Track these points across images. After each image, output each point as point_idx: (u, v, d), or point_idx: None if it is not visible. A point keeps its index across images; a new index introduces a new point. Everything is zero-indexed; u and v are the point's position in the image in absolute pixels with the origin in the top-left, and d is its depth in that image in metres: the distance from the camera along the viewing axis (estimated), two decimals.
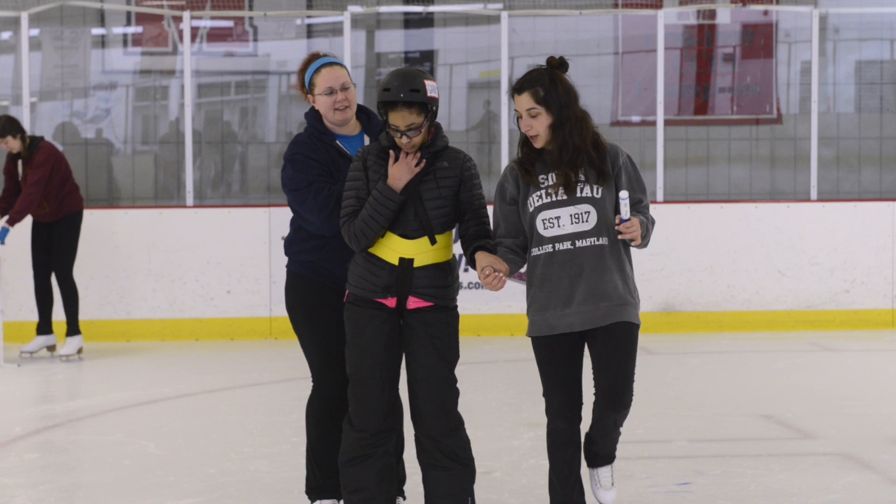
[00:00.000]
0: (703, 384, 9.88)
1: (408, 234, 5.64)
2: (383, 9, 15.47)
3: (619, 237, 5.52)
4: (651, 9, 14.57)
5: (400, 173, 5.56)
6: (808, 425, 8.55)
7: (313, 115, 6.08)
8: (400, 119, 5.55)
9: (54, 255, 11.33)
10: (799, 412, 8.94)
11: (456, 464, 5.71)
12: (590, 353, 5.73)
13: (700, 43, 15.92)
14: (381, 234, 5.64)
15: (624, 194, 5.41)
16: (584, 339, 5.72)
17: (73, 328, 11.38)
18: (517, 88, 5.66)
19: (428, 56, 15.81)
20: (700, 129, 15.63)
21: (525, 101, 5.62)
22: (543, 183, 5.63)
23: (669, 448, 7.68)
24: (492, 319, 12.23)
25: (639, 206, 5.64)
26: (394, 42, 15.69)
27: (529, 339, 5.77)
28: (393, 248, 5.64)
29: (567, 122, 5.61)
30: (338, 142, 5.99)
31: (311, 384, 6.12)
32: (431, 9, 15.48)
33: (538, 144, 5.64)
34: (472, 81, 15.57)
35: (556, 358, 5.67)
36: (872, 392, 9.39)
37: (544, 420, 5.74)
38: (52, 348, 11.60)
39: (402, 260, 5.64)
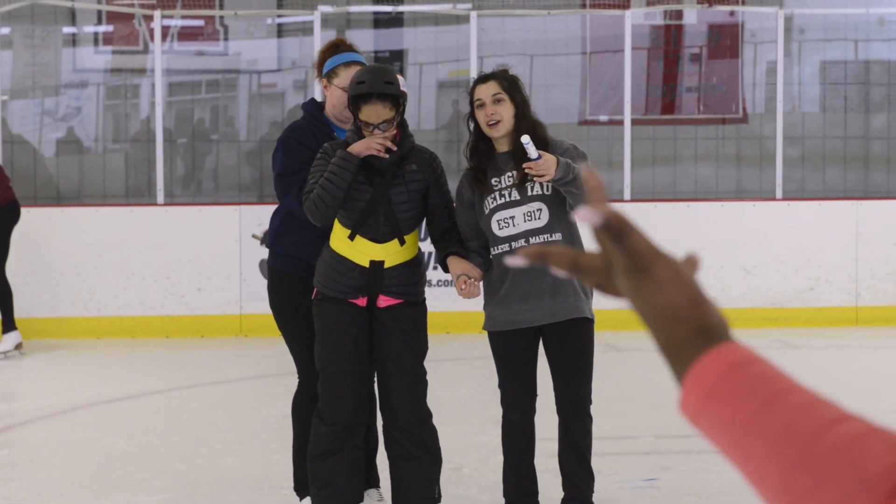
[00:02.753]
0: (670, 381, 9.88)
1: (378, 239, 5.66)
2: (353, 8, 15.45)
3: (530, 173, 5.49)
4: (618, 9, 14.60)
5: (363, 146, 5.52)
6: None
7: (314, 105, 6.13)
8: (373, 113, 5.56)
9: None
10: None
11: (425, 454, 5.77)
12: (545, 349, 5.78)
13: (667, 43, 15.96)
14: (350, 238, 5.64)
15: (526, 138, 5.40)
16: (541, 334, 5.77)
17: (10, 324, 11.22)
18: (482, 79, 5.80)
19: (397, 55, 15.80)
20: (667, 129, 15.68)
21: (491, 87, 5.76)
22: (496, 186, 5.69)
23: (636, 444, 7.70)
24: (461, 316, 12.24)
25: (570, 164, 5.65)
26: (364, 41, 15.66)
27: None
28: (364, 252, 5.66)
29: (526, 119, 5.70)
30: (336, 134, 6.02)
31: (297, 380, 6.15)
32: (401, 9, 15.48)
33: (498, 132, 5.69)
34: (441, 81, 15.58)
35: (512, 352, 5.74)
36: (835, 388, 9.37)
37: None
38: None
39: (372, 262, 5.66)
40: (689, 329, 1.30)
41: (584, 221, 1.34)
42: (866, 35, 16.08)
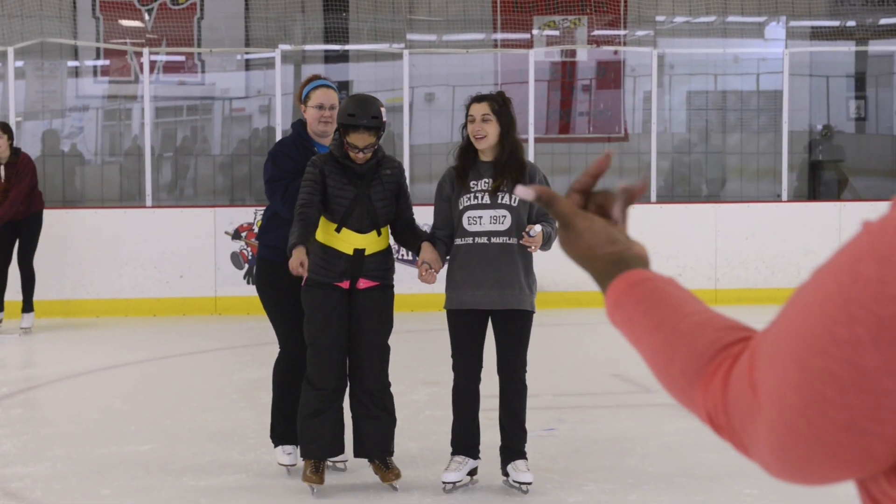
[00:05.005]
0: (566, 349, 9.95)
1: (361, 230, 5.68)
2: (308, 47, 15.40)
3: (521, 242, 5.61)
4: (524, 48, 14.63)
5: (293, 264, 5.37)
6: (648, 382, 8.62)
7: (299, 125, 6.12)
8: (360, 140, 5.56)
9: (23, 247, 11.07)
10: (641, 371, 8.99)
11: (385, 414, 5.77)
12: (493, 330, 5.78)
13: (563, 76, 16.01)
14: (337, 231, 5.65)
15: (537, 228, 5.55)
16: (489, 317, 5.77)
17: (30, 306, 11.14)
18: (478, 98, 5.79)
19: (344, 85, 15.75)
20: (563, 146, 15.74)
21: (483, 107, 5.74)
22: (474, 187, 5.70)
23: (537, 401, 7.72)
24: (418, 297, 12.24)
25: (546, 217, 5.74)
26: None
27: (441, 314, 5.84)
28: (349, 242, 5.66)
29: (510, 138, 5.71)
30: (316, 148, 6.01)
31: (263, 351, 6.11)
32: (347, 47, 15.45)
33: (483, 145, 5.71)
34: None
35: (463, 327, 5.73)
36: None
37: (439, 378, 5.77)
38: None
39: (356, 250, 5.66)
40: (605, 262, 1.44)
41: (522, 197, 1.51)
42: (724, 70, 16.23)
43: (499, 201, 5.70)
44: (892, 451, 1.07)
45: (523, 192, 1.51)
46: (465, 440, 5.79)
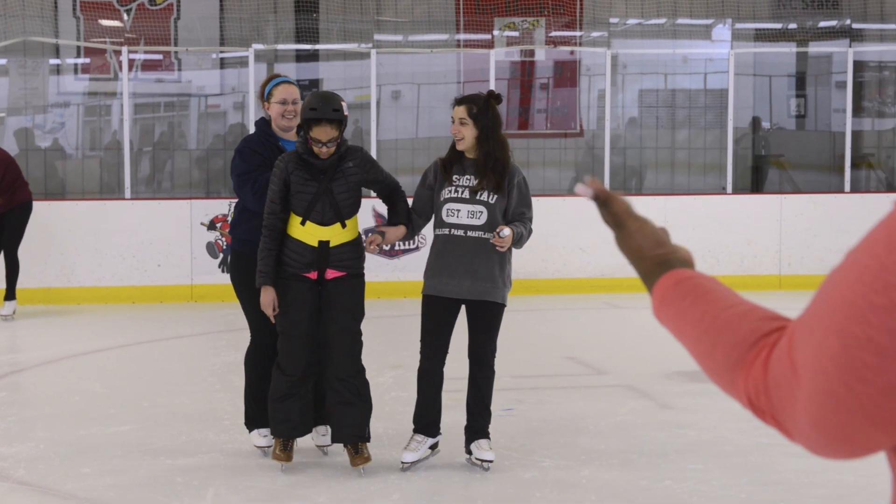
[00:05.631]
0: (524, 334, 9.97)
1: (324, 222, 5.64)
2: (280, 46, 15.34)
3: (491, 241, 5.60)
4: (485, 48, 14.63)
5: (264, 302, 5.61)
6: (602, 364, 8.67)
7: (263, 122, 6.07)
8: (323, 133, 5.51)
9: (7, 237, 10.96)
10: (595, 355, 9.07)
11: (359, 400, 5.72)
12: (466, 318, 5.78)
13: (522, 75, 16.03)
14: (302, 224, 5.63)
15: (506, 231, 5.56)
16: (463, 306, 5.76)
17: (13, 294, 11.04)
18: (458, 101, 5.76)
19: (315, 83, 15.70)
20: (522, 141, 15.75)
21: (460, 111, 5.74)
22: (456, 181, 5.69)
23: (497, 383, 7.72)
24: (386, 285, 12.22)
25: (522, 217, 5.72)
26: (288, 72, 15.52)
27: (407, 300, 5.84)
28: (313, 234, 5.64)
29: (492, 139, 5.68)
30: (281, 143, 5.97)
31: (237, 336, 6.09)
32: (317, 47, 15.40)
33: (461, 147, 5.70)
34: (348, 103, 15.48)
35: (434, 313, 5.73)
36: (650, 339, 9.52)
37: (405, 362, 5.76)
38: None
39: (320, 242, 5.63)
40: (652, 262, 1.50)
41: (581, 195, 1.59)
42: (673, 70, 16.28)
43: (477, 197, 5.70)
44: None
45: (582, 189, 1.58)
46: (426, 418, 5.80)
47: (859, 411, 1.10)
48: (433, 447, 5.85)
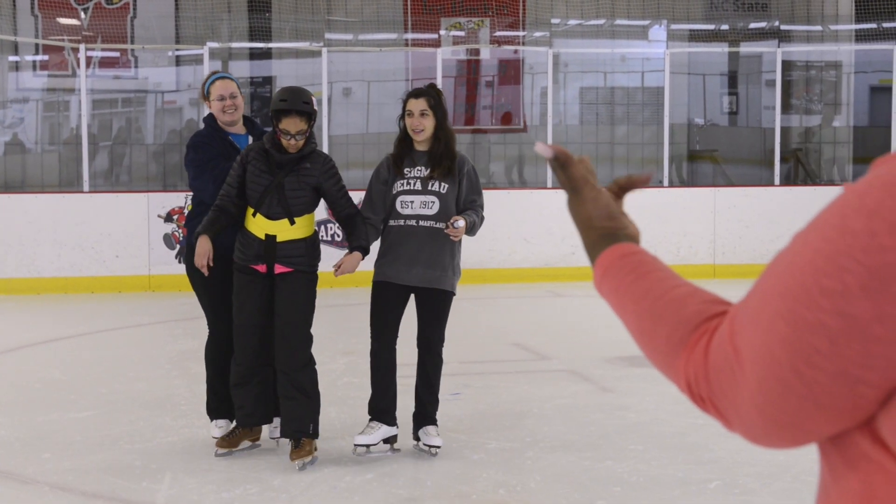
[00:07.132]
0: (471, 321, 9.97)
1: (271, 216, 5.54)
2: (234, 44, 15.24)
3: (445, 231, 5.59)
4: (432, 47, 14.61)
5: (199, 252, 5.49)
6: (546, 350, 8.70)
7: (210, 118, 6.00)
8: (292, 125, 5.43)
9: None
10: (539, 340, 9.09)
11: (302, 395, 5.58)
12: (416, 305, 5.75)
13: (468, 73, 16.03)
14: (253, 215, 5.54)
15: (461, 222, 5.55)
16: (412, 294, 5.73)
17: None
18: (415, 94, 5.69)
19: (268, 80, 15.61)
20: (468, 136, 15.76)
21: (421, 103, 5.66)
22: (408, 174, 5.66)
23: (445, 368, 7.72)
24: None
25: (473, 205, 5.70)
26: (242, 70, 15.45)
27: (360, 289, 5.80)
28: (260, 227, 5.56)
29: (444, 130, 5.66)
30: (230, 137, 5.91)
31: (193, 325, 6.02)
32: (270, 45, 15.31)
33: (420, 138, 5.67)
34: None
35: (384, 298, 5.69)
36: (591, 326, 9.57)
37: (356, 349, 5.73)
38: None
39: (267, 236, 5.55)
40: (599, 233, 1.42)
41: (541, 153, 1.50)
42: (612, 68, 16.36)
43: (429, 188, 5.66)
44: (878, 399, 1.04)
45: (542, 148, 1.50)
46: (381, 404, 5.75)
47: (809, 397, 1.05)
48: (389, 441, 5.77)
